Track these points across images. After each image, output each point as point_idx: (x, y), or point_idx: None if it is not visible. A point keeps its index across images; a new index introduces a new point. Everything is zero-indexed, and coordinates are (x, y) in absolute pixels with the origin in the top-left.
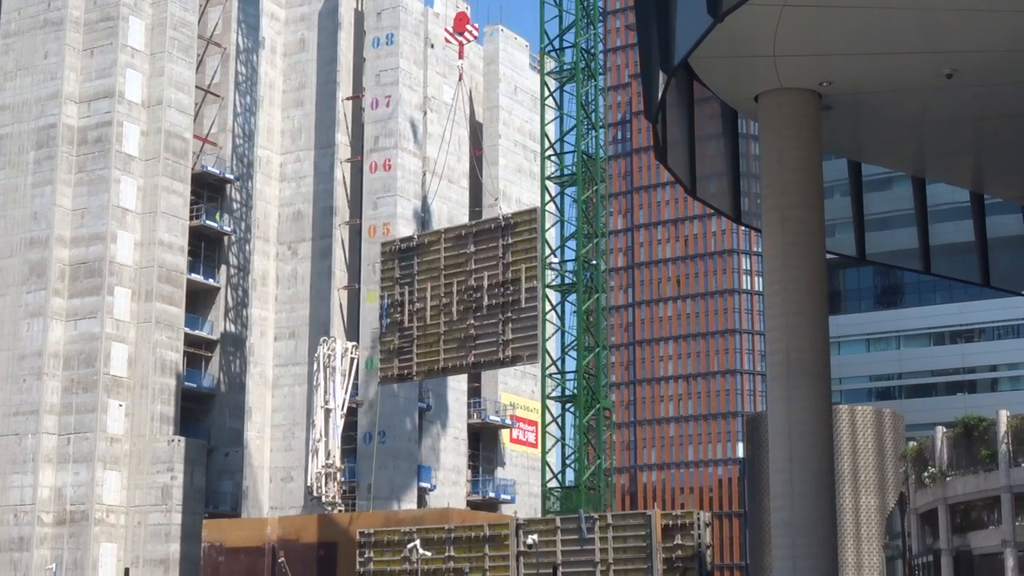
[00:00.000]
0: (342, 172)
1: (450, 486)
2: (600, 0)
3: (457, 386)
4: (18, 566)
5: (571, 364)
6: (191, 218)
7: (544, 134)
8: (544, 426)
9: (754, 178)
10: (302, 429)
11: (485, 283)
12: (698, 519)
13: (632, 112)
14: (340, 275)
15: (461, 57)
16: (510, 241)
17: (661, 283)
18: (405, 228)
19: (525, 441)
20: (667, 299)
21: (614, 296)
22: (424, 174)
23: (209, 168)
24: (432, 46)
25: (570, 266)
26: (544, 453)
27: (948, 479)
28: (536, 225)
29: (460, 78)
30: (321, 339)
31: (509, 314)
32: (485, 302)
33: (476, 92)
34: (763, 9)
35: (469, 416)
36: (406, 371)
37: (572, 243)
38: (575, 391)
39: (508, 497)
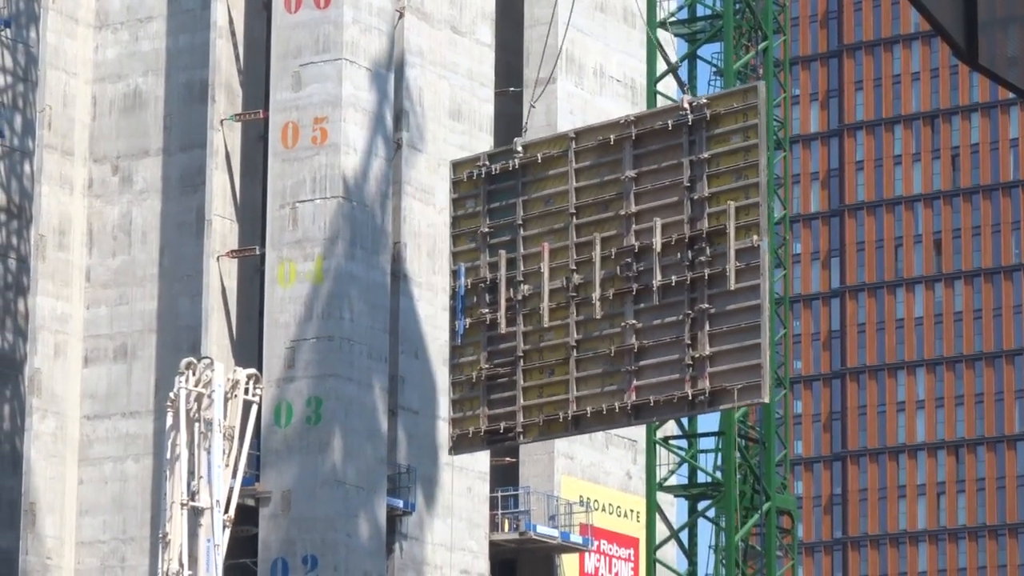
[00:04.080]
0: (227, 9)
1: None
2: None
3: (468, 461)
4: None
5: (708, 421)
6: None
7: None
8: (652, 549)
9: None
10: (142, 551)
11: (657, 240)
12: None
13: None
14: (223, 229)
15: None
16: (706, 155)
17: (902, 250)
18: (355, 129)
19: None
20: (915, 282)
21: (802, 275)
22: (399, 14)
23: None
24: None
25: None
26: None
27: None
28: (756, 121)
29: None
30: (184, 362)
31: (706, 305)
32: (658, 279)
33: None
34: None
35: (494, 526)
36: (504, 426)
37: None
38: (719, 474)
39: None
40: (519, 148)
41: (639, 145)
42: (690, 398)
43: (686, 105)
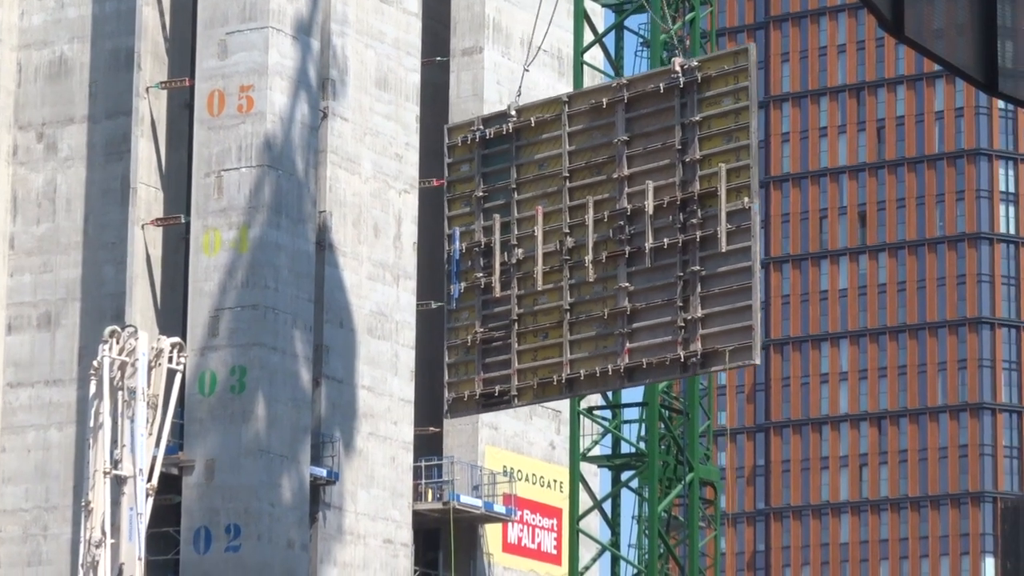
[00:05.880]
0: None
1: None
2: None
3: (392, 431)
4: None
5: (632, 391)
6: None
7: None
8: (575, 519)
9: None
10: (65, 520)
11: (649, 203)
12: None
13: None
14: (148, 197)
15: None
16: (698, 118)
17: (826, 222)
18: (281, 98)
19: (536, 550)
20: (839, 254)
21: None
22: None
23: None
24: None
25: None
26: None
27: None
28: (747, 83)
29: None
30: (107, 331)
31: (698, 267)
32: (650, 242)
33: None
34: None
35: (417, 495)
36: (499, 389)
37: None
38: (642, 445)
39: None
40: (513, 112)
41: (631, 108)
42: (682, 360)
43: (677, 68)
